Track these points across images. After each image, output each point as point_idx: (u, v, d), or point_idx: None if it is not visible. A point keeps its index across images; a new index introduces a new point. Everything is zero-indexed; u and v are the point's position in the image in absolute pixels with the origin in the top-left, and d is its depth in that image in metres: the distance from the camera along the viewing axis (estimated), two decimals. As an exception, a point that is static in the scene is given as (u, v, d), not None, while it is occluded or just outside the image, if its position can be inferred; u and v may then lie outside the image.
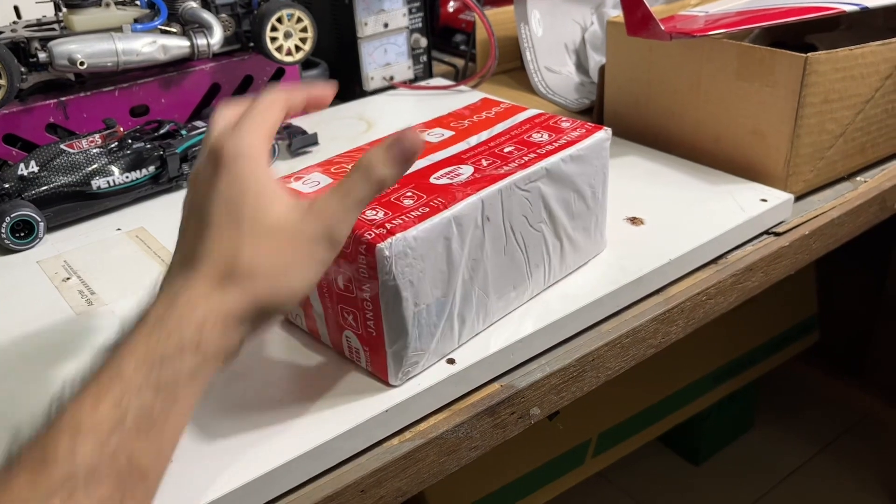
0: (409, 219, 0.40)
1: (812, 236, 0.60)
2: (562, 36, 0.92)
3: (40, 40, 0.66)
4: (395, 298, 0.39)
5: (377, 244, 0.38)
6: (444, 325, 0.43)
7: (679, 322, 0.53)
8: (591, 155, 0.48)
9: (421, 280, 0.40)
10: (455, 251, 0.41)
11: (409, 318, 0.40)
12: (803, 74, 0.57)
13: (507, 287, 0.46)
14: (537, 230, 0.47)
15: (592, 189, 0.50)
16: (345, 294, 0.41)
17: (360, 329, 0.42)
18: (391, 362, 0.41)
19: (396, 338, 0.41)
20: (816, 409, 1.41)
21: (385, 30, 0.86)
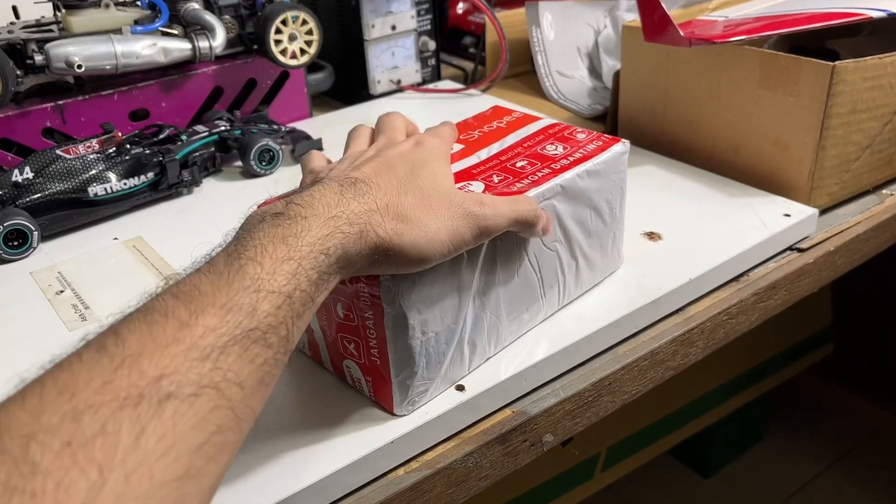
0: None
1: (837, 252, 0.57)
2: (574, 39, 0.89)
3: (37, 42, 0.64)
4: (401, 327, 0.37)
5: (380, 275, 0.36)
6: (454, 353, 0.41)
7: (699, 343, 0.50)
8: (608, 169, 0.46)
9: (429, 307, 0.38)
10: (465, 276, 0.39)
11: (415, 347, 0.38)
12: (830, 84, 0.54)
13: (519, 309, 0.44)
14: (552, 249, 0.45)
15: (609, 205, 0.47)
16: (345, 323, 0.39)
17: (362, 359, 0.40)
18: (396, 392, 0.39)
19: (402, 367, 0.38)
20: (829, 422, 1.38)
21: (392, 32, 0.84)
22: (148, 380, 0.25)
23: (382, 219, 0.35)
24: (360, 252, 0.34)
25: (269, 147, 0.68)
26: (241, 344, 0.28)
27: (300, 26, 0.73)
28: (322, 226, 0.33)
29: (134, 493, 0.23)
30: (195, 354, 0.27)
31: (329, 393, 0.42)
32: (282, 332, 0.30)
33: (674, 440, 1.14)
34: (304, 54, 0.75)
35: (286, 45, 0.73)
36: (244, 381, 0.28)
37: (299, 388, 0.43)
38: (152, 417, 0.24)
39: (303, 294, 0.31)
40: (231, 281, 0.30)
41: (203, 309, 0.28)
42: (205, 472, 0.26)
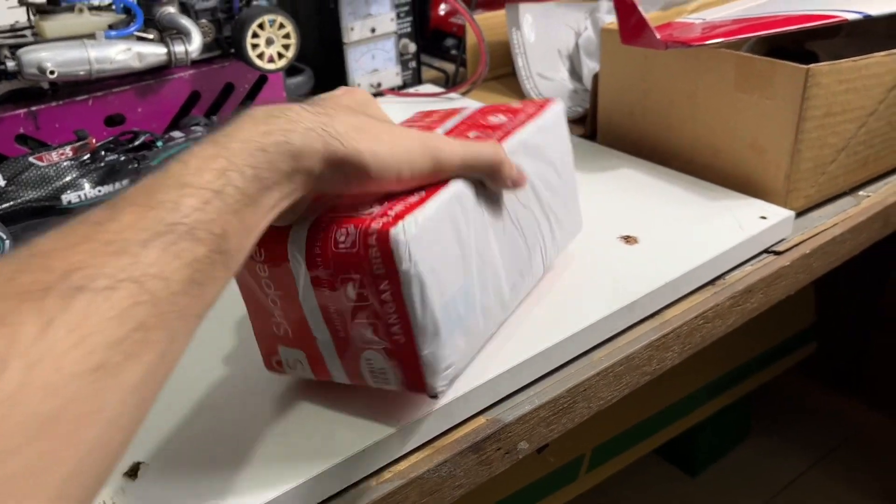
0: (409, 204, 0.36)
1: (813, 255, 0.57)
2: (555, 41, 0.89)
3: (10, 48, 0.63)
4: (421, 290, 0.35)
5: (389, 229, 0.34)
6: (472, 318, 0.39)
7: (675, 348, 0.50)
8: (553, 126, 0.48)
9: (442, 266, 0.36)
10: (463, 232, 0.38)
11: (438, 310, 0.36)
12: (805, 87, 0.54)
13: (515, 273, 0.44)
14: (527, 208, 0.45)
15: (562, 160, 0.48)
16: (359, 305, 0.36)
17: (383, 342, 0.37)
18: (427, 368, 0.37)
19: (429, 337, 0.36)
20: (813, 421, 1.39)
21: (372, 35, 0.84)
22: (56, 274, 0.24)
23: (332, 120, 0.34)
24: (310, 150, 0.32)
25: (246, 152, 0.67)
26: (165, 238, 0.27)
27: (277, 30, 0.73)
28: (258, 124, 0.32)
29: (38, 382, 0.22)
30: (111, 249, 0.25)
31: (300, 403, 0.42)
32: (215, 228, 0.28)
33: (659, 440, 1.14)
34: (281, 58, 0.74)
35: (263, 49, 0.73)
36: (170, 276, 0.26)
37: (268, 399, 0.43)
38: (62, 310, 0.23)
39: (236, 191, 0.29)
40: (153, 182, 0.28)
41: (122, 209, 0.27)
42: (125, 368, 0.24)
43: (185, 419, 0.41)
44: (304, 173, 0.33)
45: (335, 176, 0.34)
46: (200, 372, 0.45)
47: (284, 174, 0.32)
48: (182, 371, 0.44)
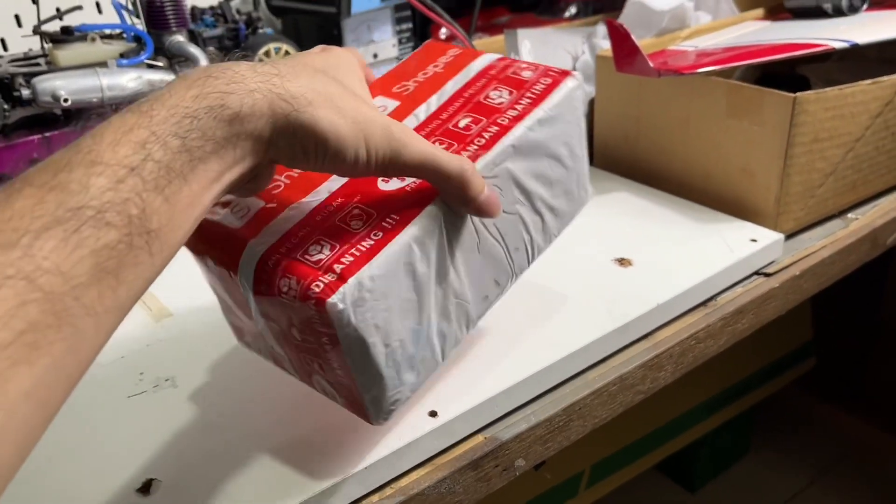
0: (362, 251, 0.34)
1: (803, 276, 0.59)
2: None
3: (24, 76, 0.66)
4: (361, 348, 0.34)
5: (327, 299, 0.32)
6: (424, 352, 0.38)
7: (668, 367, 0.52)
8: (563, 113, 0.41)
9: (388, 319, 0.35)
10: (421, 274, 0.36)
11: (381, 363, 0.35)
12: (792, 114, 0.56)
13: (488, 285, 0.41)
14: (512, 213, 0.41)
15: (569, 147, 0.43)
16: (305, 345, 0.36)
17: (329, 376, 0.37)
18: (370, 407, 0.37)
19: (370, 385, 0.36)
20: (812, 436, 1.39)
21: (374, 60, 0.86)
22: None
23: (283, 81, 0.30)
24: (254, 112, 0.28)
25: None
26: (65, 226, 0.24)
27: (282, 57, 0.75)
28: (189, 87, 0.28)
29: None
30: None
31: (305, 421, 0.43)
32: (131, 209, 0.25)
33: (658, 456, 1.15)
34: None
35: (269, 76, 0.75)
36: (70, 269, 0.23)
37: (268, 414, 0.44)
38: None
39: (157, 166, 0.26)
40: (58, 160, 0.25)
41: (17, 192, 0.24)
42: (12, 376, 0.22)
43: (195, 436, 0.43)
44: (249, 139, 0.29)
45: (290, 145, 0.30)
46: (208, 390, 0.46)
47: (220, 143, 0.28)
48: (191, 388, 0.46)
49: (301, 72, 0.31)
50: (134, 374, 0.48)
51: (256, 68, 0.30)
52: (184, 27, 0.73)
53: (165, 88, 0.28)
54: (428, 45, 0.47)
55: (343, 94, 0.32)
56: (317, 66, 0.33)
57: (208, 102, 0.28)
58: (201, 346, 0.51)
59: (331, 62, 0.35)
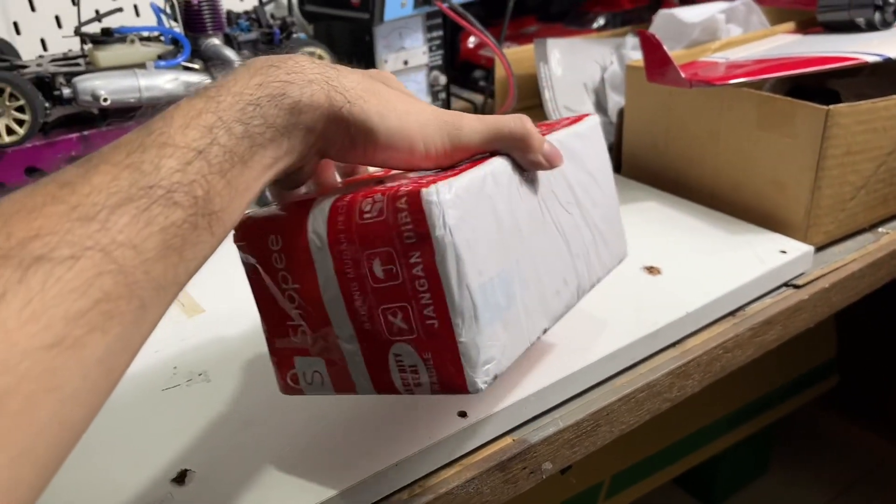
0: (442, 175, 0.33)
1: (832, 289, 0.59)
2: (581, 76, 0.92)
3: (65, 75, 0.67)
4: (457, 261, 0.32)
5: (420, 189, 0.31)
6: (512, 311, 0.35)
7: (695, 376, 0.52)
8: (591, 136, 0.45)
9: (479, 243, 0.33)
10: (503, 215, 0.35)
11: (475, 290, 0.32)
12: (825, 126, 0.56)
13: (557, 278, 0.40)
14: (569, 212, 0.41)
15: (602, 172, 0.45)
16: (388, 285, 0.33)
17: (414, 330, 0.33)
18: (465, 358, 0.33)
19: (468, 319, 0.32)
20: (833, 454, 1.38)
21: (405, 67, 0.87)
22: (15, 241, 0.23)
23: (339, 75, 0.31)
24: (311, 104, 0.30)
25: (283, 178, 0.70)
26: (138, 203, 0.25)
27: (316, 62, 0.76)
28: (253, 75, 0.29)
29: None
30: (77, 214, 0.24)
31: (336, 418, 0.44)
32: (196, 191, 0.26)
33: (678, 469, 1.14)
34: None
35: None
36: (141, 244, 0.25)
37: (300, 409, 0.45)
38: (17, 281, 0.22)
39: (222, 150, 0.27)
40: (132, 140, 0.26)
41: (94, 168, 0.25)
42: (87, 343, 0.23)
43: (228, 430, 0.44)
44: (302, 129, 0.30)
45: (339, 136, 0.31)
46: (240, 385, 0.47)
47: (280, 130, 0.29)
48: (223, 383, 0.47)
49: (353, 71, 0.33)
50: (168, 369, 0.49)
51: (314, 60, 0.31)
52: (220, 31, 0.74)
53: (231, 75, 0.29)
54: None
55: (392, 92, 0.33)
56: (366, 72, 0.35)
57: (270, 91, 0.29)
58: (232, 342, 0.52)
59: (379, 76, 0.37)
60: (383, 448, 0.41)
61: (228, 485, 0.40)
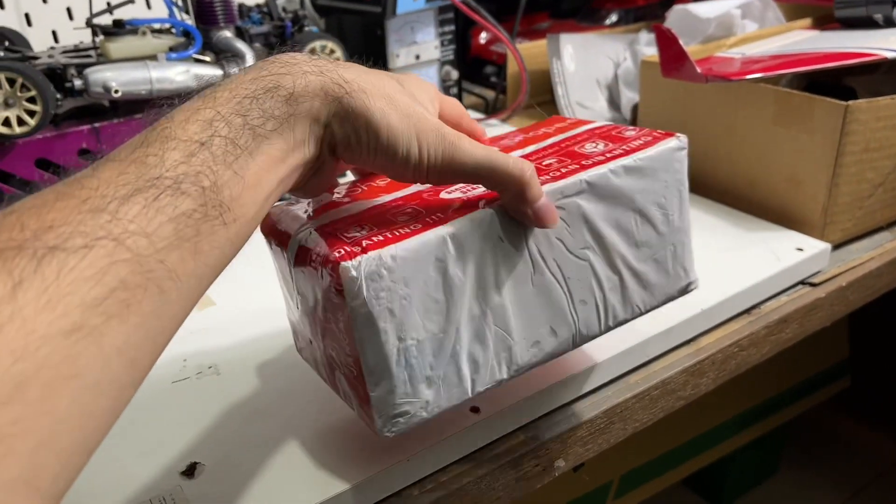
0: (394, 236, 0.33)
1: (849, 288, 0.58)
2: (594, 72, 0.91)
3: (76, 67, 0.67)
4: (370, 329, 0.33)
5: (341, 262, 0.32)
6: (447, 369, 0.35)
7: (710, 374, 0.51)
8: (656, 167, 0.39)
9: (405, 309, 0.33)
10: (454, 277, 0.34)
11: (390, 355, 0.33)
12: (843, 123, 0.56)
13: (541, 329, 0.38)
14: (582, 258, 0.38)
15: (663, 210, 0.40)
16: (326, 325, 0.35)
17: (345, 369, 0.36)
18: (375, 409, 0.34)
19: (378, 379, 0.34)
20: (844, 457, 1.37)
21: (416, 62, 0.86)
22: (30, 232, 0.23)
23: (339, 69, 0.31)
24: (306, 91, 0.30)
25: (294, 171, 0.70)
26: (146, 193, 0.25)
27: (328, 55, 0.76)
28: (248, 72, 0.30)
29: (8, 345, 0.21)
30: (88, 206, 0.24)
31: (343, 411, 0.44)
32: (203, 181, 0.27)
33: (687, 470, 1.13)
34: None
35: (314, 73, 0.76)
36: (153, 232, 0.25)
37: (310, 402, 0.44)
38: (32, 271, 0.22)
39: (225, 141, 0.28)
40: (137, 139, 0.27)
41: (101, 165, 0.26)
42: (105, 331, 0.23)
43: (237, 423, 0.43)
44: (307, 118, 0.30)
45: (344, 129, 0.31)
46: (250, 378, 0.47)
47: (280, 120, 0.29)
48: (232, 376, 0.46)
49: (356, 67, 0.33)
50: (178, 361, 0.49)
51: (310, 56, 0.32)
52: (231, 23, 0.74)
53: (228, 77, 0.30)
54: (554, 117, 0.48)
55: (400, 92, 0.33)
56: (380, 72, 0.34)
57: (264, 84, 0.29)
58: (243, 335, 0.51)
59: (402, 77, 0.36)
60: (393, 443, 0.41)
61: (238, 478, 0.39)
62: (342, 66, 0.32)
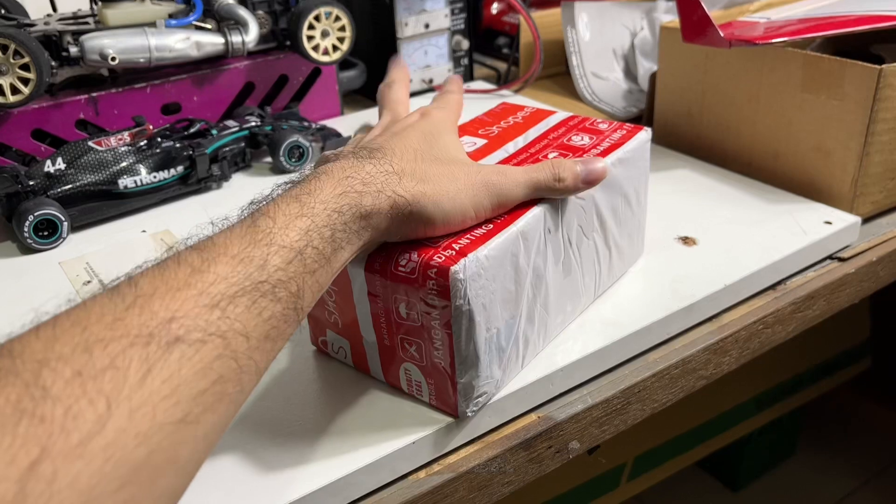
0: (476, 237, 0.37)
1: (879, 263, 0.55)
2: (610, 41, 0.88)
3: (73, 34, 0.65)
4: (469, 325, 0.36)
5: (450, 267, 0.35)
6: (511, 349, 0.39)
7: (732, 352, 0.49)
8: (635, 157, 0.46)
9: (493, 302, 0.37)
10: (522, 268, 0.39)
11: (481, 344, 0.37)
12: (877, 87, 0.52)
13: (564, 302, 0.44)
14: (590, 239, 0.44)
15: (637, 193, 0.47)
16: (407, 323, 0.38)
17: (424, 361, 0.38)
18: (461, 394, 0.38)
19: (468, 367, 0.37)
20: (864, 439, 1.34)
21: (426, 31, 0.83)
22: (159, 320, 0.25)
23: (400, 179, 0.35)
24: (379, 211, 0.34)
25: (298, 143, 0.68)
26: (250, 296, 0.28)
27: (333, 22, 0.73)
28: (335, 185, 0.33)
29: (136, 429, 0.23)
30: (205, 301, 0.26)
31: (351, 394, 0.41)
32: (292, 287, 0.30)
33: (702, 452, 1.11)
34: (336, 51, 0.74)
35: (319, 42, 0.73)
36: (250, 332, 0.28)
37: (321, 388, 0.42)
38: (160, 358, 0.24)
39: (315, 251, 0.31)
40: (244, 234, 0.30)
41: (215, 258, 0.28)
42: (201, 420, 0.25)
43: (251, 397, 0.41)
44: (372, 230, 0.34)
45: (401, 229, 0.36)
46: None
47: (356, 233, 0.33)
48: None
49: (408, 163, 0.36)
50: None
51: (377, 167, 0.35)
52: (233, -10, 0.71)
53: (314, 180, 0.33)
54: (504, 104, 0.53)
55: (443, 174, 0.37)
56: (418, 147, 0.38)
57: (349, 201, 0.33)
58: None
59: (430, 128, 0.41)
60: (401, 426, 0.39)
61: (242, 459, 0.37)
62: (403, 174, 0.35)
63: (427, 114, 0.43)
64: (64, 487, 0.21)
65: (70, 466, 0.21)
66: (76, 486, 0.21)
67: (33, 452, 0.21)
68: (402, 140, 0.39)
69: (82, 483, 0.21)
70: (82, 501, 0.21)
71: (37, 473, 0.21)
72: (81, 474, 0.21)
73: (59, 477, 0.21)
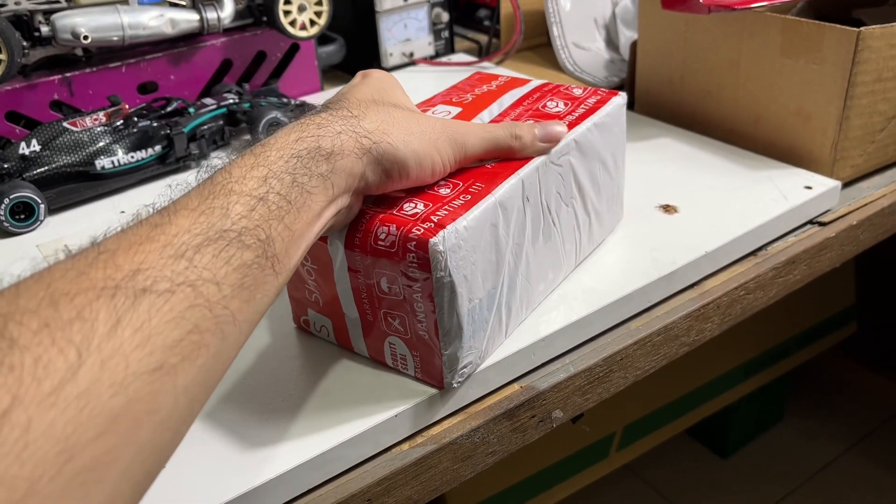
0: (454, 208, 0.36)
1: (860, 226, 0.55)
2: (591, 10, 0.87)
3: (44, 13, 0.63)
4: (451, 296, 0.36)
5: (429, 239, 0.34)
6: (494, 319, 0.39)
7: (714, 319, 0.49)
8: (612, 122, 0.46)
9: (474, 273, 0.37)
10: (501, 238, 0.38)
11: (464, 315, 0.37)
12: (855, 50, 0.52)
13: (546, 270, 0.44)
14: (568, 206, 0.44)
15: (614, 158, 0.47)
16: (390, 297, 0.37)
17: (408, 333, 0.38)
18: (446, 365, 0.38)
19: (452, 338, 0.37)
20: (850, 403, 1.36)
21: (405, 4, 0.82)
22: (124, 273, 0.25)
23: (360, 121, 0.35)
24: (342, 150, 0.33)
25: (278, 120, 0.67)
26: (216, 244, 0.28)
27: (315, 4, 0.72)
28: (289, 133, 0.33)
29: (109, 379, 0.23)
30: (170, 252, 0.26)
31: (334, 370, 0.41)
32: (260, 234, 0.29)
33: (691, 420, 1.12)
34: (313, 26, 0.73)
35: (295, 16, 0.72)
36: (221, 280, 0.27)
37: (303, 365, 0.42)
38: (128, 309, 0.24)
39: (279, 197, 0.31)
40: (201, 190, 0.30)
41: (176, 212, 0.28)
42: (179, 370, 0.25)
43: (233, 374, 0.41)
44: (344, 173, 0.33)
45: (375, 173, 0.35)
46: (232, 335, 0.44)
47: (323, 178, 0.33)
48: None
49: (367, 108, 0.36)
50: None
51: (334, 114, 0.35)
52: (207, -35, 0.70)
53: (271, 136, 0.33)
54: (478, 73, 0.53)
55: (404, 116, 0.37)
56: (373, 97, 0.38)
57: (307, 144, 0.33)
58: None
59: (376, 86, 0.40)
60: (383, 397, 0.39)
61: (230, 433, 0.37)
62: (360, 116, 0.35)
63: (369, 73, 0.42)
64: (39, 436, 0.21)
65: (44, 414, 0.21)
66: (52, 434, 0.21)
67: (5, 400, 0.21)
68: (354, 93, 0.39)
69: (57, 431, 0.21)
70: (59, 450, 0.21)
71: (10, 421, 0.20)
72: (56, 422, 0.21)
73: (34, 425, 0.21)
